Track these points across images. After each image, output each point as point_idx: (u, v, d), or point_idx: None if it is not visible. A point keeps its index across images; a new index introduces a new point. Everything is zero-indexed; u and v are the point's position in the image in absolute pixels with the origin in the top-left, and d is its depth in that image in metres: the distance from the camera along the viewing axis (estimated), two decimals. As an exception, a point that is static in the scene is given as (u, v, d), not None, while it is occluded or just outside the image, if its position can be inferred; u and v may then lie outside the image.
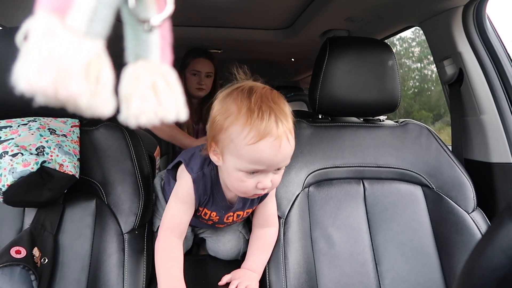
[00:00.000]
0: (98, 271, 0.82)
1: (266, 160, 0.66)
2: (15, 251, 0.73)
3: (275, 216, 0.90)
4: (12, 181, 0.75)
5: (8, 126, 0.83)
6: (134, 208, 0.89)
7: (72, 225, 0.85)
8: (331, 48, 1.01)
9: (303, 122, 1.04)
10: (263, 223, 0.89)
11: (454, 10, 1.07)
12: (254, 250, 0.88)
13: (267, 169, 0.68)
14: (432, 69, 5.57)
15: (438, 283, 0.90)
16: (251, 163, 0.66)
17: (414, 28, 1.36)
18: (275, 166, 0.69)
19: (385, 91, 1.02)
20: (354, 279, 0.89)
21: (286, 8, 1.39)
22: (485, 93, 1.07)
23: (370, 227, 0.96)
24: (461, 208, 0.95)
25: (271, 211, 0.89)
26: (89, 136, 0.93)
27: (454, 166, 1.01)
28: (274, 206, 0.90)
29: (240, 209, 0.86)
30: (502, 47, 1.09)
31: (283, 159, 0.68)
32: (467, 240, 0.91)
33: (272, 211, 0.89)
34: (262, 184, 0.69)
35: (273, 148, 0.64)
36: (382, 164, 1.02)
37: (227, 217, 0.88)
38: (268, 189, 0.72)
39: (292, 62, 2.39)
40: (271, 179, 0.70)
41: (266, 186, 0.69)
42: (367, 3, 1.19)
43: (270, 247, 0.88)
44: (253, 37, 1.74)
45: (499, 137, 1.04)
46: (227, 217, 0.88)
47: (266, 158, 0.65)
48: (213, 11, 1.41)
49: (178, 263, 0.78)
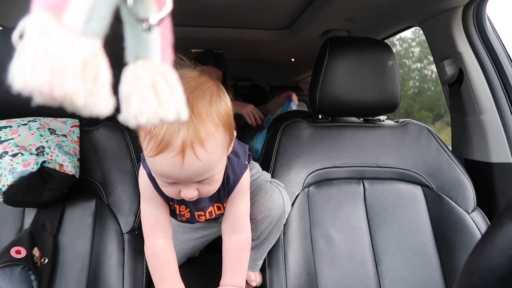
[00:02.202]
0: (98, 271, 0.82)
1: (171, 175, 0.55)
2: (15, 251, 0.73)
3: (246, 218, 0.78)
4: (12, 181, 0.75)
5: (8, 126, 0.83)
6: (134, 208, 0.89)
7: (72, 225, 0.85)
8: (331, 48, 1.01)
9: (303, 122, 1.04)
10: (232, 226, 0.77)
11: (454, 10, 1.07)
12: (228, 264, 0.78)
13: (181, 182, 0.57)
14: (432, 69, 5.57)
15: (438, 283, 0.90)
16: (157, 175, 0.58)
17: (414, 28, 1.36)
18: (189, 181, 0.57)
19: (385, 91, 1.02)
20: (354, 279, 0.89)
21: (286, 8, 1.39)
22: (485, 93, 1.07)
23: (370, 227, 0.96)
24: (461, 208, 0.95)
25: (241, 211, 0.76)
26: (89, 136, 0.93)
27: (454, 166, 1.01)
28: (246, 206, 0.77)
29: (208, 205, 0.76)
30: (502, 47, 1.09)
31: (196, 175, 0.56)
32: (467, 240, 0.91)
33: (243, 211, 0.77)
34: (183, 193, 0.59)
35: (174, 165, 0.52)
36: (382, 164, 1.02)
37: (198, 216, 0.78)
38: (197, 197, 0.61)
39: (292, 62, 2.39)
40: (198, 188, 0.59)
41: (188, 197, 0.59)
42: (367, 3, 1.19)
43: (246, 257, 0.79)
44: (253, 37, 1.74)
45: (499, 137, 1.04)
46: (197, 215, 0.78)
47: (169, 174, 0.54)
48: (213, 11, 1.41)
49: (171, 265, 0.74)
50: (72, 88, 0.20)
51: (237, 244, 0.78)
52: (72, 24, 0.21)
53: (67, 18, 0.21)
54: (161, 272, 0.74)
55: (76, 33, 0.21)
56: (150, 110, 0.24)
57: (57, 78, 0.20)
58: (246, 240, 0.79)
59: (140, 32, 0.25)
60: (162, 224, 0.75)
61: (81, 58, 0.21)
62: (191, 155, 0.51)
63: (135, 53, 0.25)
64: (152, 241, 0.75)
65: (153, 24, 0.25)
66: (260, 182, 0.87)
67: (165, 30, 0.26)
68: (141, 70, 0.25)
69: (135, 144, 0.96)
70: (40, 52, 0.20)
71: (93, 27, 0.22)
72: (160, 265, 0.74)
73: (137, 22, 0.25)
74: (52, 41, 0.20)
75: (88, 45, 0.21)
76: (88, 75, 0.21)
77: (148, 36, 0.25)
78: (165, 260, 0.75)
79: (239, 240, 0.78)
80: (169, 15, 0.25)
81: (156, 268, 0.75)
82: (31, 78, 0.19)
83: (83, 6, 0.21)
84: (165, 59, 0.26)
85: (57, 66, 0.20)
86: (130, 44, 0.25)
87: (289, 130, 1.02)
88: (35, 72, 0.19)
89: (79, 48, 0.21)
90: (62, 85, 0.20)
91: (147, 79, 0.24)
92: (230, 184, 0.72)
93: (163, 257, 0.75)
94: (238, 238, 0.78)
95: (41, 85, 0.19)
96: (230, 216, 0.77)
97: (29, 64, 0.19)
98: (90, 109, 0.21)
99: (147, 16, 0.25)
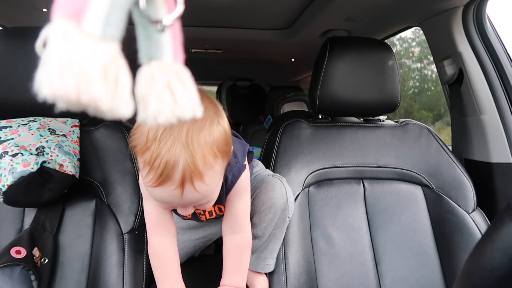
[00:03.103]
0: (98, 271, 0.82)
1: (170, 203, 0.58)
2: (15, 251, 0.73)
3: (246, 218, 0.77)
4: (12, 181, 0.75)
5: (8, 126, 0.83)
6: (134, 208, 0.89)
7: (72, 225, 0.85)
8: (331, 48, 1.01)
9: (303, 122, 1.04)
10: (232, 226, 0.77)
11: (454, 10, 1.07)
12: (228, 264, 0.79)
13: (180, 206, 0.60)
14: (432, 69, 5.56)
15: (438, 283, 0.90)
16: (156, 201, 0.59)
17: (414, 28, 1.36)
18: (189, 205, 0.60)
19: (385, 91, 1.02)
20: (354, 279, 0.89)
21: (286, 8, 1.39)
22: (485, 93, 1.07)
23: (370, 227, 0.96)
24: (461, 208, 0.95)
25: (241, 211, 0.76)
26: (89, 136, 0.93)
27: (454, 166, 1.01)
28: (246, 206, 0.77)
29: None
30: (502, 47, 1.09)
31: (194, 202, 0.58)
32: (467, 240, 0.91)
33: (242, 211, 0.77)
34: (180, 212, 0.61)
35: (173, 197, 0.54)
36: (382, 164, 1.02)
37: (198, 214, 0.79)
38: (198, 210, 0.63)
39: (292, 62, 2.39)
40: (195, 207, 0.61)
41: (184, 214, 0.61)
42: (367, 3, 1.19)
43: (246, 258, 0.79)
44: (253, 37, 1.74)
45: (499, 137, 1.04)
46: (198, 214, 0.79)
47: (167, 202, 0.57)
48: (213, 11, 1.41)
49: (172, 264, 0.75)
50: (97, 93, 0.20)
51: (237, 244, 0.78)
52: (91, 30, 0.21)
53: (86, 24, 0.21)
54: (162, 271, 0.74)
55: (96, 38, 0.21)
56: (167, 109, 0.25)
57: (82, 84, 0.20)
58: (246, 240, 0.78)
59: (152, 34, 0.25)
60: (164, 222, 0.75)
61: (102, 63, 0.21)
62: (190, 188, 0.53)
63: (148, 54, 0.26)
64: (154, 239, 0.75)
65: (167, 25, 0.25)
66: (263, 176, 0.87)
67: (175, 30, 0.27)
68: (156, 71, 0.25)
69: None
70: (64, 59, 0.20)
71: (110, 31, 0.22)
72: (161, 263, 0.75)
73: (149, 24, 0.25)
74: (75, 48, 0.20)
75: (107, 49, 0.22)
76: (110, 78, 0.21)
77: (160, 37, 0.26)
78: (166, 259, 0.75)
79: (239, 240, 0.77)
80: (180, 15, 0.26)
81: (158, 267, 0.75)
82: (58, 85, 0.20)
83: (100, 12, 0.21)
84: (176, 58, 0.27)
85: (82, 72, 0.20)
86: (143, 46, 0.26)
87: (289, 130, 1.02)
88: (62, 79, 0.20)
89: (100, 53, 0.21)
90: (88, 90, 0.20)
91: (162, 79, 0.25)
92: (228, 184, 0.72)
93: (164, 255, 0.75)
94: (238, 238, 0.77)
95: (68, 92, 0.20)
96: (229, 216, 0.77)
97: (55, 72, 0.20)
98: (113, 112, 0.22)
99: (160, 18, 0.25)
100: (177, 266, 0.75)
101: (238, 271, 0.78)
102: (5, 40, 0.87)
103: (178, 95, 0.25)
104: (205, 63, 2.47)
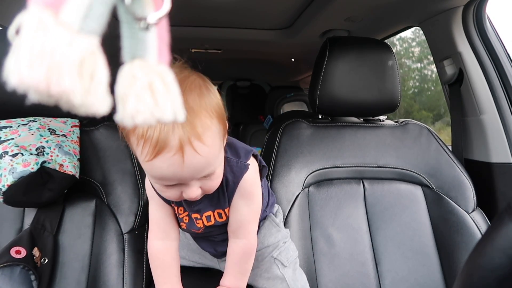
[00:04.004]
0: (98, 271, 0.82)
1: (173, 177, 0.53)
2: (15, 251, 0.73)
3: (249, 224, 0.73)
4: (12, 181, 0.75)
5: (8, 126, 0.83)
6: (134, 208, 0.89)
7: (72, 225, 0.85)
8: (331, 48, 1.01)
9: (303, 122, 1.04)
10: (235, 231, 0.74)
11: (454, 10, 1.07)
12: (229, 267, 0.77)
13: (184, 182, 0.55)
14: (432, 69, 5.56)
15: (438, 283, 0.90)
16: (158, 179, 0.55)
17: (414, 28, 1.36)
18: (191, 179, 0.55)
19: (385, 91, 1.02)
20: (354, 279, 0.89)
21: (286, 8, 1.39)
22: (485, 93, 1.07)
23: (370, 227, 0.96)
24: (461, 208, 0.95)
25: (244, 216, 0.71)
26: (89, 136, 0.93)
27: (454, 166, 1.01)
28: (251, 212, 0.72)
29: (206, 208, 0.70)
30: (502, 47, 1.09)
31: (198, 171, 0.54)
32: (467, 240, 0.91)
33: (246, 217, 0.72)
34: (186, 194, 0.57)
35: (174, 165, 0.50)
36: (382, 164, 1.02)
37: (195, 219, 0.72)
38: (201, 195, 0.59)
39: (292, 62, 2.39)
40: (200, 186, 0.58)
41: (192, 196, 0.57)
42: (367, 3, 1.19)
43: (247, 264, 0.75)
44: (253, 37, 1.74)
45: (499, 137, 1.04)
46: (195, 219, 0.73)
47: (170, 175, 0.52)
48: (213, 11, 1.41)
49: (168, 268, 0.73)
50: (68, 85, 0.20)
51: (239, 250, 0.75)
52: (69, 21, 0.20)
53: (64, 15, 0.20)
54: (158, 273, 0.74)
55: (73, 31, 0.21)
56: (146, 110, 0.24)
57: (53, 75, 0.19)
58: (249, 247, 0.75)
59: (137, 32, 0.25)
60: (162, 225, 0.74)
61: (78, 56, 0.20)
62: (191, 151, 0.49)
63: (132, 52, 0.25)
64: (151, 241, 0.75)
65: (151, 23, 0.24)
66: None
67: (162, 30, 0.26)
68: (138, 70, 0.24)
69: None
70: (36, 48, 0.19)
71: (90, 25, 0.21)
72: (157, 266, 0.74)
73: (134, 21, 0.24)
74: (49, 38, 0.19)
75: (85, 42, 0.21)
76: (85, 73, 0.21)
77: (145, 36, 0.25)
78: (161, 262, 0.74)
79: (242, 246, 0.75)
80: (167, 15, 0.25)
81: (154, 269, 0.75)
82: (27, 74, 0.19)
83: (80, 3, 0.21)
84: (161, 59, 0.26)
85: (54, 63, 0.19)
86: (126, 44, 0.25)
87: (289, 130, 1.02)
88: (32, 68, 0.19)
89: (76, 46, 0.20)
90: (59, 82, 0.19)
91: (143, 79, 0.24)
92: (230, 186, 0.68)
93: (160, 258, 0.74)
94: (240, 244, 0.75)
95: (37, 82, 0.19)
96: (233, 220, 0.73)
97: (25, 61, 0.19)
98: (87, 107, 0.21)
99: (145, 15, 0.24)
100: (174, 270, 0.74)
101: (238, 274, 0.76)
102: (5, 40, 0.87)
103: (159, 96, 0.24)
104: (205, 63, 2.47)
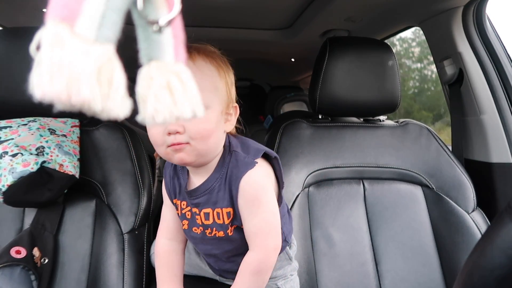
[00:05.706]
0: (98, 271, 0.82)
1: None
2: (15, 251, 0.73)
3: (259, 236, 0.67)
4: (12, 181, 0.75)
5: (8, 126, 0.83)
6: (134, 208, 0.89)
7: (72, 225, 0.85)
8: (331, 48, 1.01)
9: (303, 122, 1.04)
10: (250, 243, 0.69)
11: (454, 10, 1.07)
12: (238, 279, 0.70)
13: None
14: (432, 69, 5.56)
15: (438, 283, 0.90)
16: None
17: (414, 28, 1.36)
18: None
19: (385, 91, 1.02)
20: (354, 279, 0.89)
21: (286, 8, 1.39)
22: (485, 93, 1.07)
23: (370, 227, 0.96)
24: (461, 208, 0.95)
25: (256, 228, 0.66)
26: (89, 136, 0.93)
27: (454, 166, 1.01)
28: (259, 222, 0.66)
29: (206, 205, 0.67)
30: (502, 47, 1.09)
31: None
32: (467, 240, 0.91)
33: (257, 229, 0.66)
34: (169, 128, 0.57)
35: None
36: (382, 164, 1.02)
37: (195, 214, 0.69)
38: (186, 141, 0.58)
39: (292, 62, 2.39)
40: (184, 124, 0.58)
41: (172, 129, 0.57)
42: (367, 3, 1.19)
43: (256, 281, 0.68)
44: (253, 37, 1.74)
45: (499, 137, 1.04)
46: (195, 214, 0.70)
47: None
48: (213, 11, 1.41)
49: (171, 268, 0.73)
50: (88, 94, 0.21)
51: (250, 262, 0.69)
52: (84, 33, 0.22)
53: (80, 27, 0.21)
54: (161, 272, 0.74)
55: (89, 41, 0.22)
56: (166, 109, 0.25)
57: (73, 86, 0.20)
58: (262, 262, 0.68)
59: (151, 34, 0.26)
60: (171, 226, 0.75)
61: (95, 64, 0.21)
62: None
63: (148, 54, 0.26)
64: (159, 239, 0.76)
65: (163, 26, 0.25)
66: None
67: (177, 29, 0.27)
68: (155, 71, 0.25)
69: (135, 144, 0.96)
70: (55, 62, 0.20)
71: (105, 33, 0.22)
72: (162, 265, 0.75)
73: (148, 25, 0.25)
74: (67, 51, 0.21)
75: (101, 51, 0.22)
76: (103, 80, 0.22)
77: (160, 37, 0.26)
78: (166, 261, 0.74)
79: (254, 259, 0.68)
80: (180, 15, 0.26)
81: (158, 267, 0.75)
82: (49, 87, 0.20)
83: (94, 14, 0.22)
84: (178, 58, 0.27)
85: (73, 74, 0.21)
86: (143, 46, 0.26)
87: (289, 130, 1.02)
88: (52, 81, 0.20)
89: (93, 55, 0.21)
90: (79, 92, 0.21)
91: (160, 79, 0.25)
92: (232, 180, 0.64)
93: (164, 257, 0.75)
94: (253, 256, 0.68)
95: (58, 93, 0.20)
96: (246, 231, 0.68)
97: (46, 74, 0.20)
98: (108, 112, 0.22)
99: (157, 18, 0.25)
100: (177, 271, 0.74)
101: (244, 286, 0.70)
102: (5, 40, 0.87)
103: (177, 95, 0.25)
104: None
